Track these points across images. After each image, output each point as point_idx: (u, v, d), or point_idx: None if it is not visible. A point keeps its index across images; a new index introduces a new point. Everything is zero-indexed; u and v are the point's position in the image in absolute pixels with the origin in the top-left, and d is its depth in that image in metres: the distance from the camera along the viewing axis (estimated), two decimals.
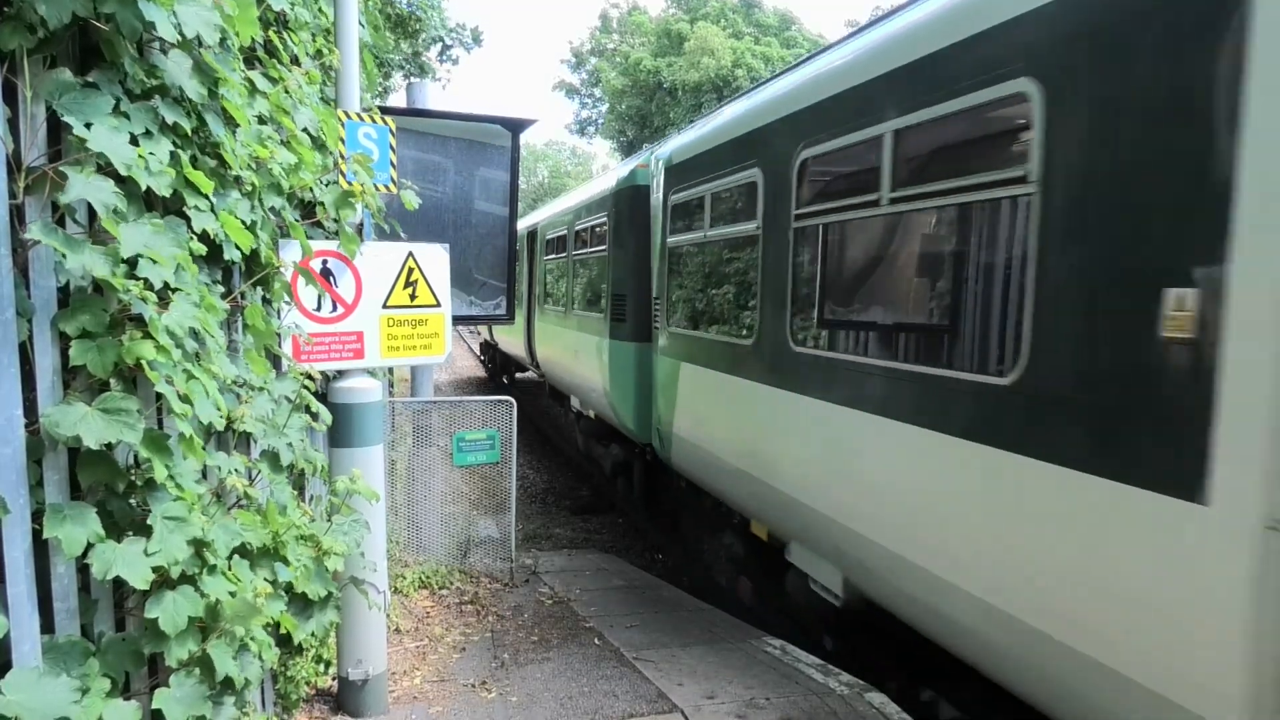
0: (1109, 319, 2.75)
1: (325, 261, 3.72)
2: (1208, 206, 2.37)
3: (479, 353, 21.42)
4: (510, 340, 15.04)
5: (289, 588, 2.71)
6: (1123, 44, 2.71)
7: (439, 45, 15.82)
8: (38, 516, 1.78)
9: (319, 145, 3.45)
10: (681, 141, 6.88)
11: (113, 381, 1.92)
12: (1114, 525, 2.69)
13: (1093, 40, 2.82)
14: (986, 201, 3.34)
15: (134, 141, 1.93)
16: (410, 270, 4.00)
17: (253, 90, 2.77)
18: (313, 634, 2.88)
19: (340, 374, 3.86)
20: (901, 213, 3.81)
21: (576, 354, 9.74)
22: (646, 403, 7.38)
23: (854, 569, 4.24)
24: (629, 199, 7.88)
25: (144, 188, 1.93)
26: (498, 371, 19.22)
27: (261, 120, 2.86)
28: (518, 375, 17.49)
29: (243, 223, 2.53)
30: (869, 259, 4.27)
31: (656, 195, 7.19)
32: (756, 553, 5.91)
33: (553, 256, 11.80)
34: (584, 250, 9.73)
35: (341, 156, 3.58)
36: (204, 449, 2.23)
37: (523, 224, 13.79)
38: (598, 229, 9.02)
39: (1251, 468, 2.26)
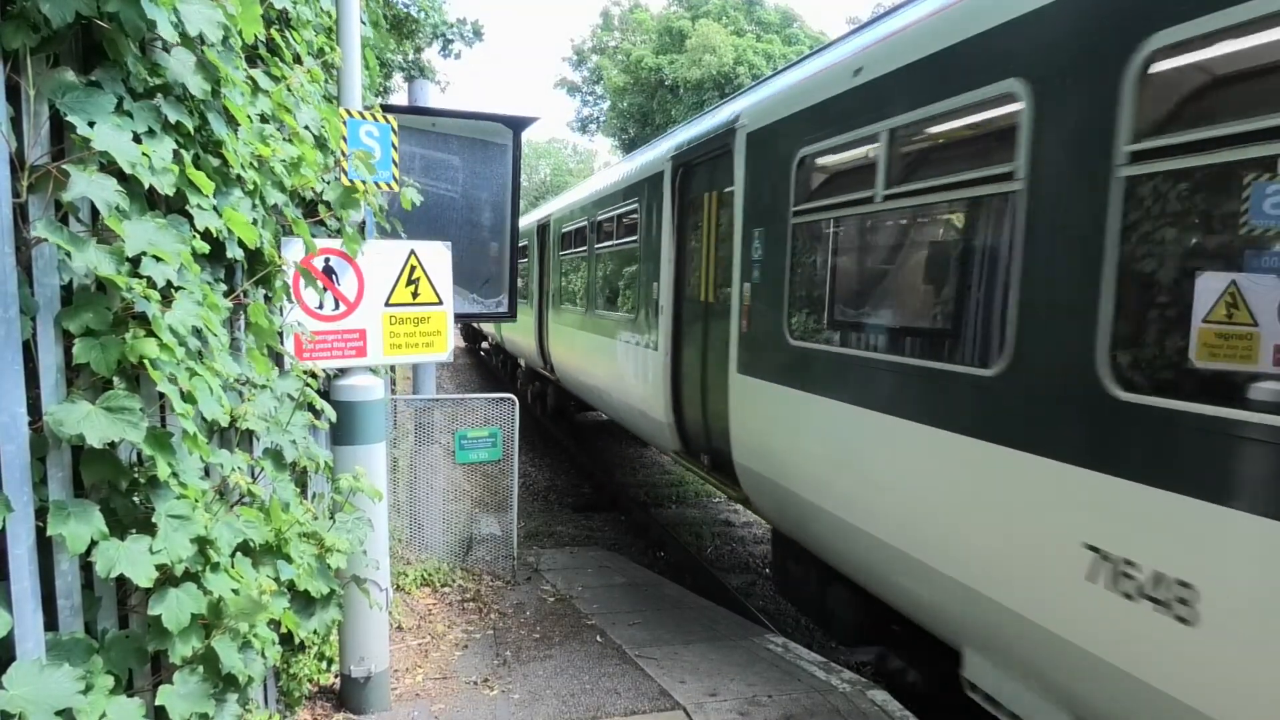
0: None
1: (328, 260, 3.72)
2: None
3: (460, 328, 28.31)
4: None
5: (291, 585, 2.72)
6: None
7: (440, 41, 15.76)
8: (41, 514, 1.78)
9: (321, 144, 3.45)
10: (560, 206, 14.88)
11: (116, 379, 1.92)
12: None
13: None
14: None
15: (136, 140, 1.93)
16: (412, 268, 4.00)
17: (255, 89, 2.77)
18: (315, 631, 2.89)
19: (342, 372, 3.86)
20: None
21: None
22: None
23: (531, 362, 14.42)
24: None
25: (147, 186, 1.94)
26: (473, 343, 27.66)
27: (264, 119, 2.86)
28: (484, 345, 25.11)
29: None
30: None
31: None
32: (522, 370, 16.29)
33: None
34: None
35: (343, 154, 3.58)
36: (208, 445, 2.23)
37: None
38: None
39: None
